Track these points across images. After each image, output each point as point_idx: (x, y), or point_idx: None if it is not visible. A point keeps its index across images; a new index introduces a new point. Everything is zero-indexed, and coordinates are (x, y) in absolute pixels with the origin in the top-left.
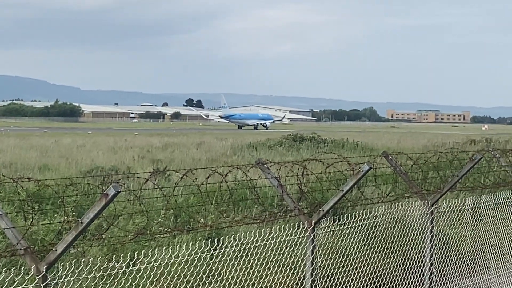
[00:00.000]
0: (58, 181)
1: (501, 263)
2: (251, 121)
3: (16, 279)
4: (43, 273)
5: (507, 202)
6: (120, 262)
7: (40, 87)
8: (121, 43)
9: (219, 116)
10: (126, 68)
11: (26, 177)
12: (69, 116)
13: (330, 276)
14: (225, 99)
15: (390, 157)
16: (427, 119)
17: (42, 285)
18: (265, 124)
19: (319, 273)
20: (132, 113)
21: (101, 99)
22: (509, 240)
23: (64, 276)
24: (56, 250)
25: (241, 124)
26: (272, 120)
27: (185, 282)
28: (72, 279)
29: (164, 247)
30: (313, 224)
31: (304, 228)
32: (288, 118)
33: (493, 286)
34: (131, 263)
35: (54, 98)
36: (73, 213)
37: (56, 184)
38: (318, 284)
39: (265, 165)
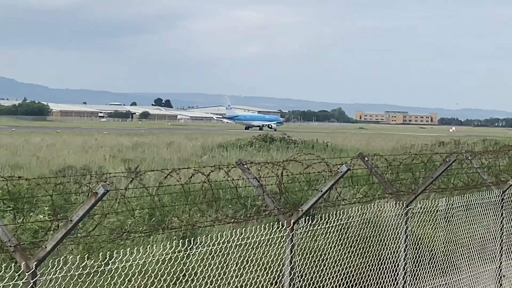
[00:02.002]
0: (38, 180)
1: (472, 263)
2: (256, 122)
3: (7, 275)
4: (33, 269)
5: (477, 203)
6: (100, 260)
7: (8, 85)
8: (90, 42)
9: (222, 117)
10: (94, 67)
11: None
12: (37, 115)
13: (305, 275)
14: (191, 98)
15: (366, 159)
16: (395, 120)
17: (31, 281)
18: (270, 126)
19: (297, 271)
20: (101, 112)
21: (70, 98)
22: (480, 241)
23: (52, 272)
24: (45, 247)
25: (248, 125)
26: (278, 122)
27: (162, 281)
28: (60, 275)
29: (141, 246)
30: (292, 223)
31: (284, 228)
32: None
33: (464, 286)
34: (110, 261)
35: (22, 96)
36: (49, 212)
37: (38, 183)
38: (296, 283)
39: (245, 165)
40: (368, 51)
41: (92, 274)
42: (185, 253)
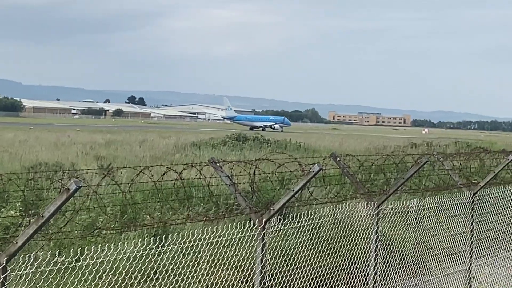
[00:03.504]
0: (10, 176)
1: (442, 264)
2: (259, 123)
3: None
4: (3, 265)
5: (448, 205)
6: (70, 257)
7: None
8: (65, 39)
9: (221, 117)
10: (68, 64)
11: None
12: (10, 111)
13: (276, 274)
14: (164, 97)
15: (339, 159)
16: (368, 121)
17: (2, 276)
18: (273, 127)
19: (268, 270)
20: (74, 109)
21: (43, 94)
22: (450, 243)
23: (22, 268)
24: (16, 243)
25: (250, 126)
26: (281, 123)
27: (133, 279)
28: (31, 271)
29: (112, 243)
30: (263, 222)
31: (255, 226)
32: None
33: (434, 286)
34: (81, 258)
35: None
36: (21, 208)
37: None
38: (267, 282)
39: (218, 164)
40: (342, 52)
41: (63, 270)
42: (157, 251)
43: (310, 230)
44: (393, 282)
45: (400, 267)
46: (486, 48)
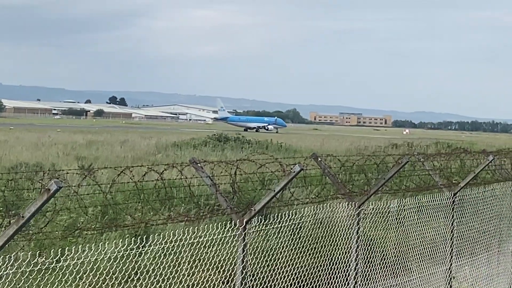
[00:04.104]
0: None
1: (423, 264)
2: (253, 124)
3: None
4: None
5: (429, 205)
6: (50, 257)
7: None
8: (46, 39)
9: (214, 118)
10: (49, 64)
11: None
12: None
13: (257, 275)
14: (146, 97)
15: (320, 159)
16: (349, 122)
17: None
18: (267, 128)
19: (249, 271)
20: (55, 109)
21: (23, 95)
22: (430, 243)
23: (3, 269)
24: None
25: (243, 127)
26: (273, 123)
27: (113, 279)
28: (11, 271)
29: (93, 244)
30: (244, 222)
31: (236, 227)
32: (212, 118)
33: (414, 286)
34: (61, 259)
35: None
36: (1, 208)
37: None
38: (248, 282)
39: (199, 164)
40: (324, 53)
41: (44, 271)
42: (138, 251)
43: (291, 231)
44: (374, 282)
45: (381, 267)
46: (467, 49)
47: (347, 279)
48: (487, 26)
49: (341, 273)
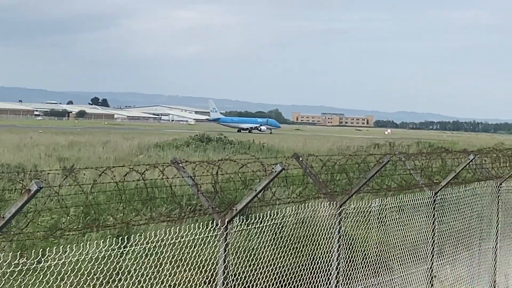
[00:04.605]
0: None
1: (404, 263)
2: (245, 125)
3: None
4: None
5: (410, 205)
6: (31, 258)
7: None
8: (27, 40)
9: (206, 119)
10: (31, 66)
11: None
12: None
13: (239, 274)
14: (128, 98)
15: (301, 159)
16: (331, 122)
17: None
18: (260, 129)
19: (230, 271)
20: (37, 110)
21: (4, 96)
22: (412, 242)
23: None
24: None
25: (236, 128)
26: (265, 125)
27: (94, 279)
28: None
29: (75, 244)
30: (226, 222)
31: (218, 227)
32: (194, 119)
33: (396, 286)
34: (42, 259)
35: None
36: None
37: None
38: (230, 282)
39: (180, 164)
40: (305, 53)
41: (25, 272)
42: (119, 252)
43: (273, 230)
44: (355, 281)
45: (363, 267)
46: (448, 49)
47: (329, 279)
48: (468, 26)
49: (323, 272)
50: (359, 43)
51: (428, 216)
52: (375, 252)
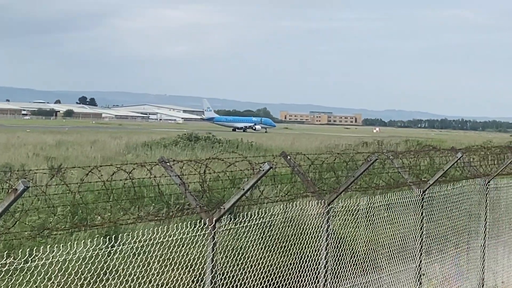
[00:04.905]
0: None
1: (392, 262)
2: (240, 124)
3: None
4: None
5: (398, 203)
6: (18, 258)
7: None
8: (14, 39)
9: (201, 118)
10: (18, 65)
11: None
12: None
13: (227, 273)
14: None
15: (289, 157)
16: (319, 121)
17: None
18: (254, 128)
19: (218, 269)
20: (24, 110)
21: None
22: (400, 240)
23: None
24: None
25: (230, 127)
26: (260, 124)
27: (82, 279)
28: None
29: (62, 244)
30: (214, 221)
31: (206, 226)
32: (182, 118)
33: (385, 284)
34: (30, 259)
35: None
36: None
37: None
38: (218, 280)
39: (168, 163)
40: (294, 52)
41: (12, 271)
42: (107, 251)
43: (261, 229)
44: (344, 279)
45: (351, 265)
46: (436, 48)
47: (317, 277)
48: (456, 25)
49: (311, 271)
50: (347, 41)
51: (416, 214)
52: (364, 250)
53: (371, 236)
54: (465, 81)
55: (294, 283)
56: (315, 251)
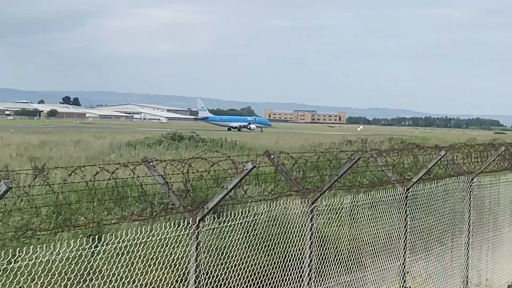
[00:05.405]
0: None
1: (376, 260)
2: (235, 124)
3: None
4: None
5: (382, 201)
6: (2, 259)
7: None
8: None
9: (195, 118)
10: (1, 65)
11: None
12: None
13: (211, 273)
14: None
15: (272, 156)
16: (304, 119)
17: None
18: (249, 127)
19: (202, 269)
20: (8, 110)
21: None
22: (384, 238)
23: None
24: None
25: (225, 126)
26: (256, 123)
27: (65, 279)
28: None
29: (46, 245)
30: (197, 221)
31: (189, 225)
32: (166, 117)
33: (368, 282)
34: (12, 260)
35: None
36: None
37: None
38: (202, 280)
39: (151, 163)
40: (278, 50)
41: None
42: (90, 251)
43: (245, 228)
44: (328, 278)
45: (335, 264)
46: (419, 45)
47: (301, 276)
48: (439, 23)
49: (295, 270)
50: (331, 39)
51: (400, 212)
52: (348, 249)
53: (355, 234)
54: (448, 79)
55: (278, 282)
56: (299, 249)
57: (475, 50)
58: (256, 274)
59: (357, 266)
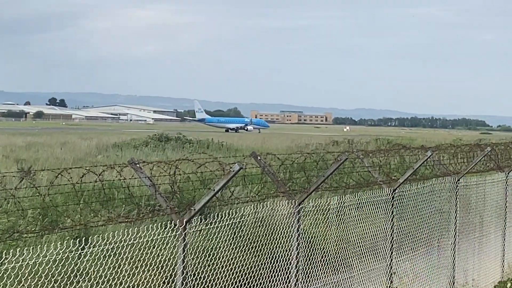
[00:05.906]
0: None
1: (363, 261)
2: (232, 125)
3: None
4: None
5: (368, 202)
6: None
7: None
8: None
9: (192, 119)
10: None
11: None
12: None
13: (198, 274)
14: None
15: (259, 157)
16: (290, 120)
17: None
18: (246, 129)
19: (190, 271)
20: None
21: None
22: (370, 239)
23: None
24: None
25: (222, 128)
26: (255, 125)
27: (52, 281)
28: None
29: (32, 247)
30: (184, 222)
31: (176, 227)
32: (153, 118)
33: (355, 282)
34: None
35: None
36: None
37: None
38: (189, 282)
39: (138, 165)
40: (264, 51)
41: None
42: (77, 253)
43: (232, 229)
44: (315, 279)
45: (322, 264)
46: (405, 46)
47: (288, 277)
48: (424, 22)
49: (282, 270)
50: (316, 40)
51: (387, 213)
52: (335, 249)
53: (342, 235)
54: (434, 79)
55: (265, 283)
56: (286, 250)
57: (461, 50)
58: (243, 275)
59: (344, 266)
